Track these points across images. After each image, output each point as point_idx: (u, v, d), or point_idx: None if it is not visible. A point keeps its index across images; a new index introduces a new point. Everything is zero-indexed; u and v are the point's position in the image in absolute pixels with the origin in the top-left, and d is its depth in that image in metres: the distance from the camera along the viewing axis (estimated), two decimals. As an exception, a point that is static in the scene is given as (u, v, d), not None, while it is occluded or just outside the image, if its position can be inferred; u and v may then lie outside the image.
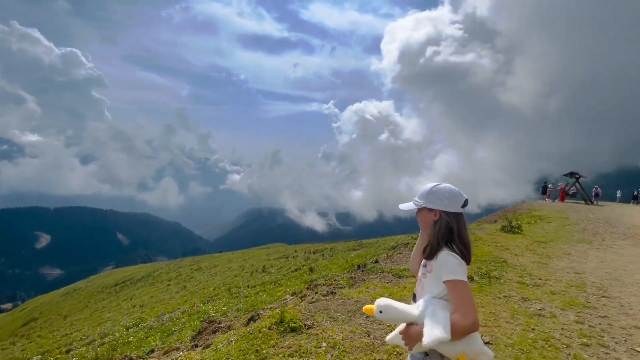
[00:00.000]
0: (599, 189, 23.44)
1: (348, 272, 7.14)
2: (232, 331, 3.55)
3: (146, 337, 9.12)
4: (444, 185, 1.58)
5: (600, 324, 3.83)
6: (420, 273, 1.64)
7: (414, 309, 1.54)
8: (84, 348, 9.35)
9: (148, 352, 5.94)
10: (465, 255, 1.50)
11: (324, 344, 3.06)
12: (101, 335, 11.12)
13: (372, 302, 1.78)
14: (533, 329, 3.58)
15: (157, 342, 7.98)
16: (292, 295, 4.66)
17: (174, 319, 10.46)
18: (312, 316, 3.61)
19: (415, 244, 1.75)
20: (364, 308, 1.65)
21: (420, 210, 1.60)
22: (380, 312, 1.56)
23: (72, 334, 13.28)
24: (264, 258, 28.62)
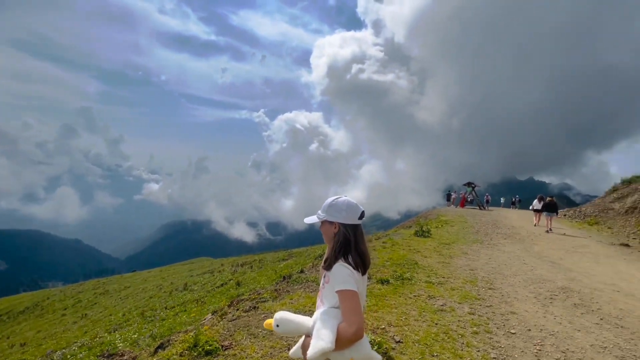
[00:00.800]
0: (489, 196, 27.99)
1: (275, 284, 7.03)
2: (136, 364, 3.14)
3: (26, 384, 7.48)
4: (343, 198, 1.65)
5: (486, 313, 4.51)
6: (321, 284, 1.70)
7: (309, 321, 1.57)
8: None
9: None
10: (360, 265, 1.57)
11: (242, 364, 2.94)
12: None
13: (296, 312, 1.78)
14: (436, 324, 4.03)
15: (42, 387, 6.61)
16: (213, 314, 4.37)
17: (68, 356, 8.83)
18: (230, 335, 3.44)
19: None
20: (264, 323, 1.63)
21: (323, 223, 1.66)
22: (277, 325, 1.56)
23: None
24: (186, 275, 26.42)
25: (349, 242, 1.58)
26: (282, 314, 1.59)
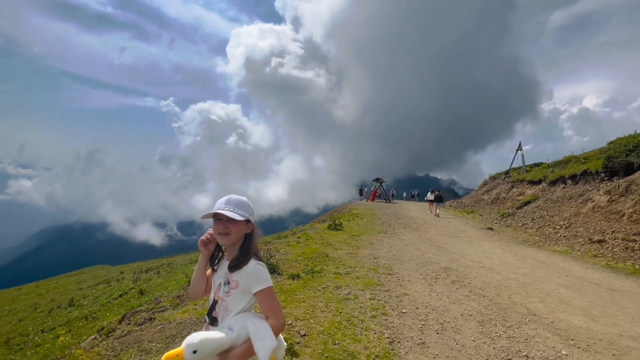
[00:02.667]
0: (394, 190, 31.34)
1: (183, 289, 6.47)
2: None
3: None
4: (239, 197, 1.59)
5: (384, 297, 5.00)
6: (221, 293, 1.56)
7: (228, 333, 1.44)
8: None
9: None
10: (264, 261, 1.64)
11: (128, 387, 2.60)
12: None
13: (199, 320, 1.62)
14: (340, 313, 4.28)
15: None
16: (96, 335, 3.76)
17: None
18: (115, 356, 3.00)
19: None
20: (164, 356, 1.31)
21: (236, 222, 1.52)
22: (195, 351, 1.32)
23: None
24: (74, 288, 22.57)
25: (258, 240, 1.64)
26: (197, 337, 1.35)
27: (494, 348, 3.56)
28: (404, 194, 38.05)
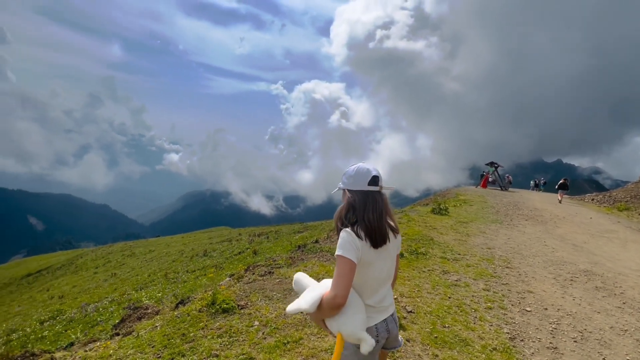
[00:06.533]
0: (510, 177, 27.01)
1: (290, 252, 7.21)
2: (158, 316, 3.35)
3: (65, 330, 8.24)
4: (355, 165, 1.55)
5: (502, 290, 4.45)
6: None
7: (316, 284, 1.58)
8: (-19, 348, 8.11)
9: (67, 346, 5.36)
10: (367, 236, 1.42)
11: (256, 323, 3.06)
12: (7, 332, 9.75)
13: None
14: (449, 298, 4.02)
15: (78, 334, 7.26)
16: (230, 277, 4.55)
17: (100, 309, 9.59)
18: (246, 296, 3.57)
19: None
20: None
21: (343, 192, 1.58)
22: (293, 285, 1.63)
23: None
24: (206, 242, 27.60)
25: (354, 209, 1.47)
26: (298, 275, 1.63)
27: (663, 376, 2.78)
28: (531, 183, 31.94)
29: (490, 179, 26.10)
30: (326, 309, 1.36)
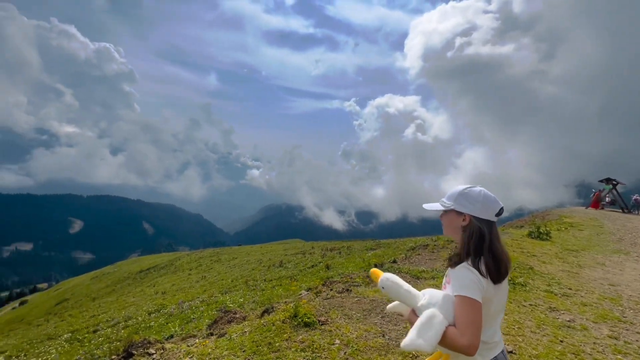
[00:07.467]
0: (639, 197, 21.85)
1: (365, 270, 7.04)
2: (246, 322, 3.58)
3: (166, 323, 9.45)
4: (479, 188, 1.41)
5: (637, 340, 3.54)
6: (443, 283, 1.51)
7: (417, 297, 1.42)
8: (109, 329, 9.83)
9: (167, 337, 6.14)
10: (494, 271, 1.30)
11: (337, 341, 3.01)
12: (125, 319, 11.64)
13: (388, 302, 1.69)
14: (561, 341, 3.36)
15: (177, 328, 8.24)
16: (307, 291, 4.64)
17: (193, 308, 10.77)
18: (326, 312, 3.57)
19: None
20: (371, 270, 1.54)
21: (447, 212, 1.44)
22: (383, 287, 1.45)
23: (99, 315, 14.03)
24: (282, 253, 28.84)
25: (484, 240, 1.32)
26: (391, 276, 1.46)
27: None
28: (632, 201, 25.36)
29: (607, 199, 21.65)
30: (450, 348, 1.27)
